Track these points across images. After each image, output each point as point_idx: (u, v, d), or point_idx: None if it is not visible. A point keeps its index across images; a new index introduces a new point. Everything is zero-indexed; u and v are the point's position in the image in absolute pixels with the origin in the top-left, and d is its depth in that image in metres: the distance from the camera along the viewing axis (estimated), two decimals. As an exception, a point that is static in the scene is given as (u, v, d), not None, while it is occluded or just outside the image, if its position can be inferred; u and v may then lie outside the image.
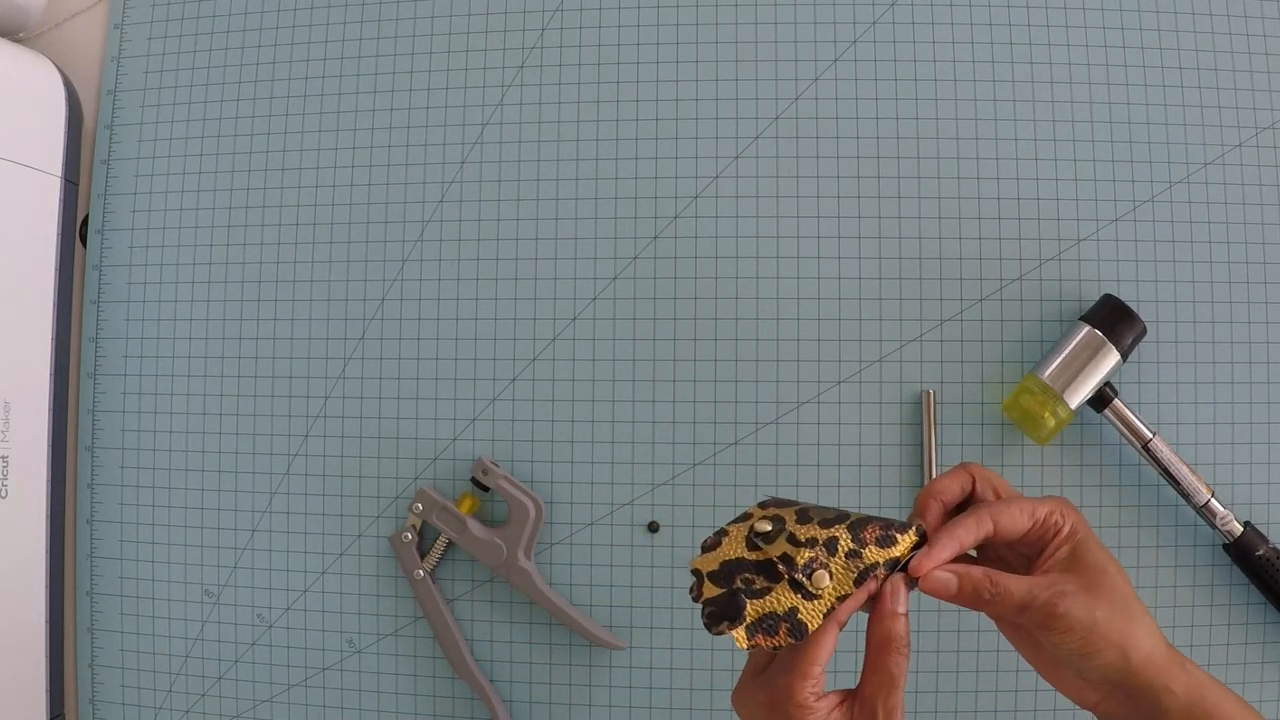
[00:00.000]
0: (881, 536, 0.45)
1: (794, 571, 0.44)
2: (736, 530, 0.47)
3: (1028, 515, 0.47)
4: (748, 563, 0.45)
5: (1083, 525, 0.48)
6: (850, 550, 0.44)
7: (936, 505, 0.48)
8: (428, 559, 0.69)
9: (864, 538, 0.45)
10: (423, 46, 0.73)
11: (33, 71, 0.71)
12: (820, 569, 0.44)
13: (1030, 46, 0.69)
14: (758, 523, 0.46)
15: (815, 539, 0.45)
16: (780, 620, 0.43)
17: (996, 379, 0.67)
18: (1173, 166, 0.68)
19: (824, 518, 0.46)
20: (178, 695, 0.71)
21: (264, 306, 0.72)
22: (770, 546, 0.45)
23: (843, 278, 0.69)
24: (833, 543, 0.45)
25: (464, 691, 0.69)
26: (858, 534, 0.45)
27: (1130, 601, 0.46)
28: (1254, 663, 0.65)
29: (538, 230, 0.71)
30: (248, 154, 0.74)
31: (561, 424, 0.69)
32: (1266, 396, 0.66)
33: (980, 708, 0.66)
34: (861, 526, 0.45)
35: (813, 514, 0.46)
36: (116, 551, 0.73)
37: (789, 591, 0.44)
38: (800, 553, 0.44)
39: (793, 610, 0.43)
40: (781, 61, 0.70)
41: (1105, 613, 0.45)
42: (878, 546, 0.45)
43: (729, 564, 0.45)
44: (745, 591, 0.44)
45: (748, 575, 0.45)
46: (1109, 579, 0.46)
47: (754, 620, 0.43)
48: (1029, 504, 0.47)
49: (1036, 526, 0.47)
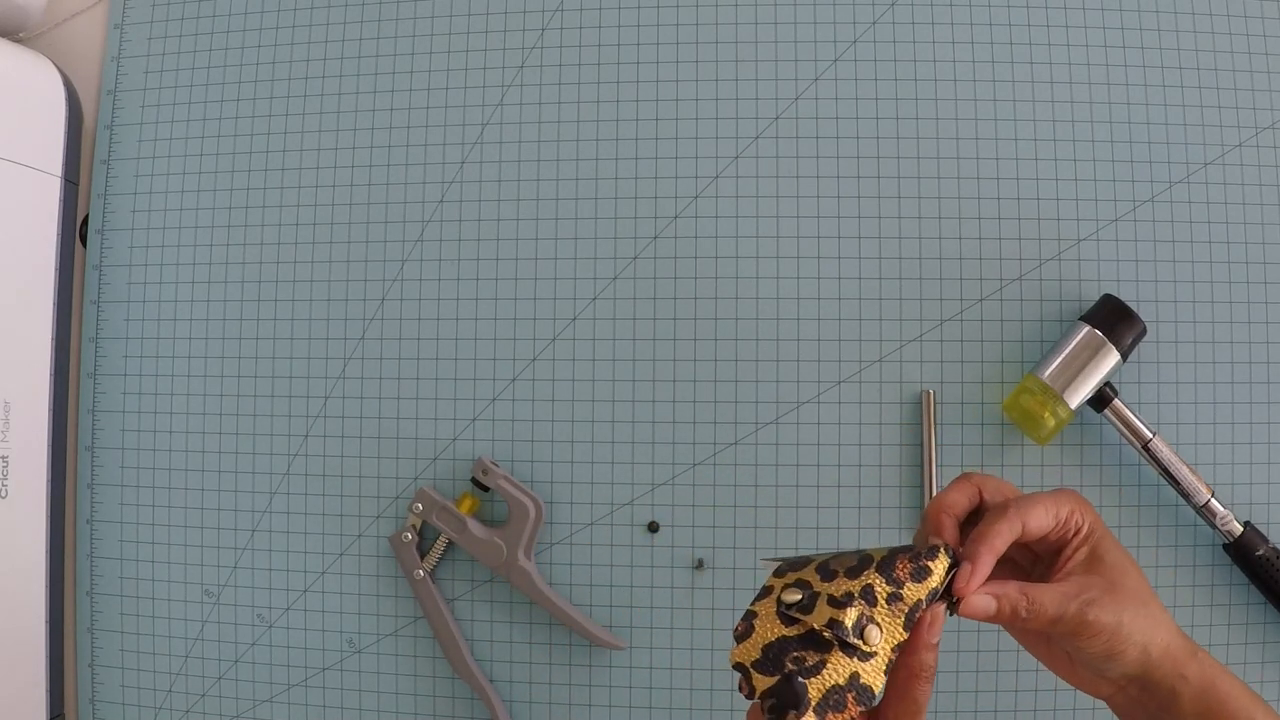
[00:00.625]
0: (915, 569, 0.43)
1: (845, 635, 0.41)
2: (764, 608, 0.43)
3: (1051, 515, 0.46)
4: (790, 640, 0.42)
5: (1099, 522, 0.47)
6: (890, 594, 0.42)
7: (950, 521, 0.47)
8: (428, 559, 0.69)
9: (898, 576, 0.43)
10: (423, 46, 0.73)
11: (33, 71, 0.71)
12: (869, 624, 0.41)
13: (1030, 46, 0.69)
14: (784, 594, 0.43)
15: (851, 593, 0.42)
16: (845, 690, 0.41)
17: (996, 379, 0.67)
18: (1173, 166, 0.68)
19: (848, 566, 0.43)
20: (178, 695, 0.71)
21: (264, 306, 0.72)
22: (809, 616, 0.42)
23: (843, 278, 0.69)
24: (869, 592, 0.42)
25: (464, 691, 0.69)
26: (890, 574, 0.43)
27: (1149, 598, 0.46)
28: (1254, 663, 0.65)
29: (538, 230, 0.71)
30: (248, 154, 0.74)
31: (561, 424, 0.69)
32: (1266, 396, 0.66)
33: (980, 707, 0.66)
34: (891, 565, 0.43)
35: (834, 566, 0.44)
36: (116, 551, 0.73)
37: (844, 658, 0.41)
38: (844, 613, 0.41)
39: (854, 676, 0.41)
40: (781, 61, 0.70)
41: (1130, 614, 0.45)
42: (914, 581, 0.43)
43: (771, 646, 0.42)
44: (800, 672, 0.41)
45: (795, 654, 0.42)
46: (1130, 578, 0.46)
47: (820, 700, 0.40)
48: (1050, 503, 0.46)
49: (1059, 526, 0.46)
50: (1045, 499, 0.46)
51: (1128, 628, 0.45)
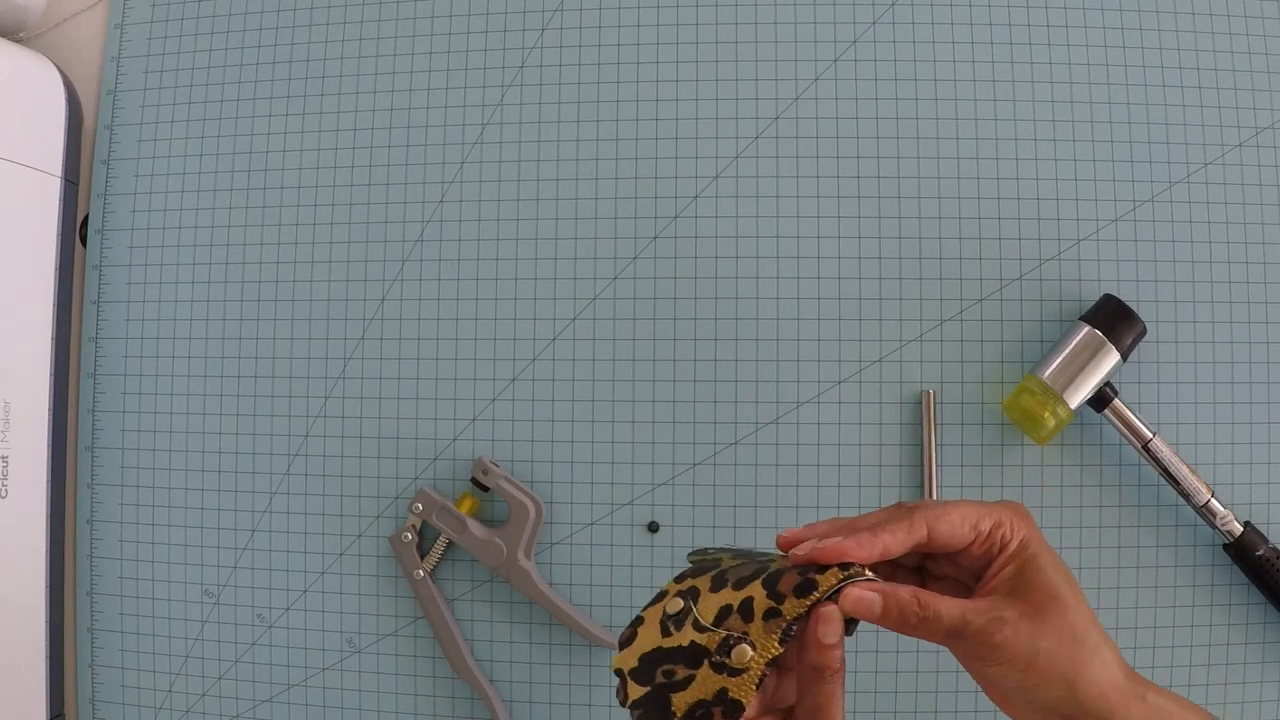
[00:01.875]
0: (800, 584, 0.41)
1: (711, 656, 0.41)
2: (651, 615, 0.43)
3: (969, 525, 0.43)
4: (665, 651, 0.42)
5: (1035, 540, 0.43)
6: (769, 610, 0.41)
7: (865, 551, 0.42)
8: (428, 559, 0.69)
9: (780, 590, 0.41)
10: (423, 46, 0.73)
11: (33, 71, 0.71)
12: (739, 643, 0.41)
13: (1030, 46, 0.69)
14: (669, 603, 0.43)
15: (730, 606, 0.41)
16: (712, 705, 0.40)
17: (996, 379, 0.67)
18: (1173, 166, 0.68)
19: (740, 576, 0.43)
20: (178, 695, 0.72)
21: (264, 306, 0.72)
22: (680, 632, 0.42)
23: (843, 278, 0.69)
24: (748, 606, 0.41)
25: (464, 691, 0.69)
26: (774, 588, 0.41)
27: (1083, 629, 0.41)
28: (1254, 663, 0.65)
29: (538, 230, 0.71)
30: (248, 154, 0.74)
31: (561, 424, 0.69)
32: (1266, 396, 0.66)
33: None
34: (777, 578, 0.41)
35: (730, 575, 0.43)
36: (116, 551, 0.73)
37: (713, 673, 0.41)
38: (711, 637, 0.41)
39: (723, 692, 0.40)
40: (781, 61, 0.70)
41: (1050, 643, 0.41)
42: (796, 597, 0.41)
43: (647, 657, 0.42)
44: (669, 685, 0.41)
45: (668, 666, 0.41)
46: (1058, 604, 0.41)
47: (685, 713, 0.41)
48: (973, 512, 0.43)
49: (980, 539, 0.43)
50: (968, 508, 0.43)
51: (1046, 658, 0.40)
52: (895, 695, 0.66)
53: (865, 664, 0.66)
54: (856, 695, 0.66)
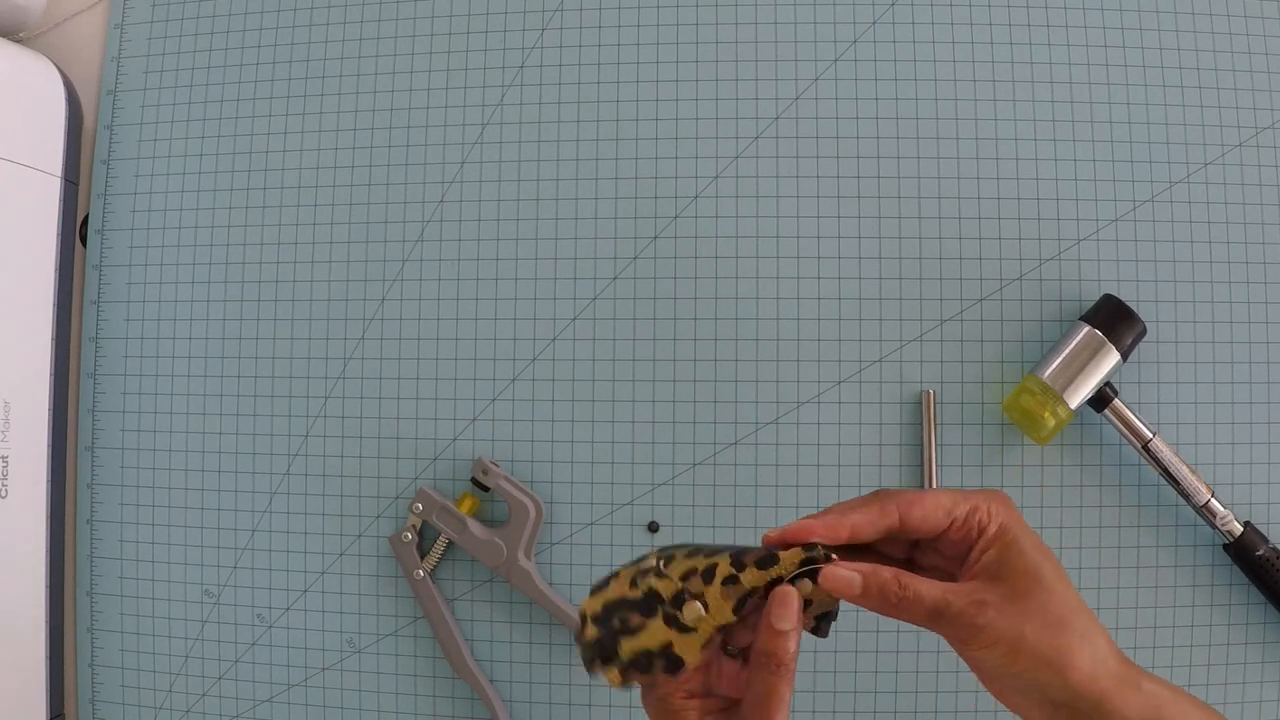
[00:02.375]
0: (762, 557, 0.42)
1: (664, 605, 0.43)
2: (626, 572, 0.45)
3: (944, 512, 0.43)
4: (628, 601, 0.44)
5: (1016, 524, 0.43)
6: (728, 576, 0.42)
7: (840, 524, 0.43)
8: (428, 559, 0.69)
9: (744, 561, 0.43)
10: (423, 46, 0.73)
11: (33, 71, 0.71)
12: (692, 600, 0.42)
13: (1030, 46, 0.69)
14: (645, 562, 0.45)
15: (693, 569, 0.43)
16: (655, 657, 0.43)
17: (996, 379, 0.67)
18: (1173, 166, 0.68)
19: (714, 549, 0.44)
20: (178, 695, 0.72)
21: (264, 306, 0.72)
22: (655, 581, 0.44)
23: (843, 278, 0.69)
24: (710, 571, 0.43)
25: (464, 691, 0.69)
26: (739, 559, 0.43)
27: (1070, 613, 0.41)
28: (1254, 663, 0.65)
29: (538, 230, 0.71)
30: (248, 154, 0.74)
31: (561, 424, 0.69)
32: (1266, 396, 0.66)
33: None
34: (746, 551, 0.43)
35: (705, 549, 0.45)
36: (116, 551, 0.73)
37: (663, 627, 0.43)
38: (668, 585, 0.43)
39: (668, 645, 0.43)
40: (781, 61, 0.70)
41: (1035, 627, 0.40)
42: (757, 568, 0.42)
43: (611, 604, 0.44)
44: (621, 631, 0.43)
45: (625, 614, 0.44)
46: (1042, 588, 0.41)
47: (629, 659, 0.43)
48: (948, 499, 0.43)
49: (957, 525, 0.43)
50: (944, 494, 0.43)
51: (1032, 642, 0.40)
52: (895, 695, 0.66)
53: (865, 664, 0.66)
54: (857, 695, 0.66)
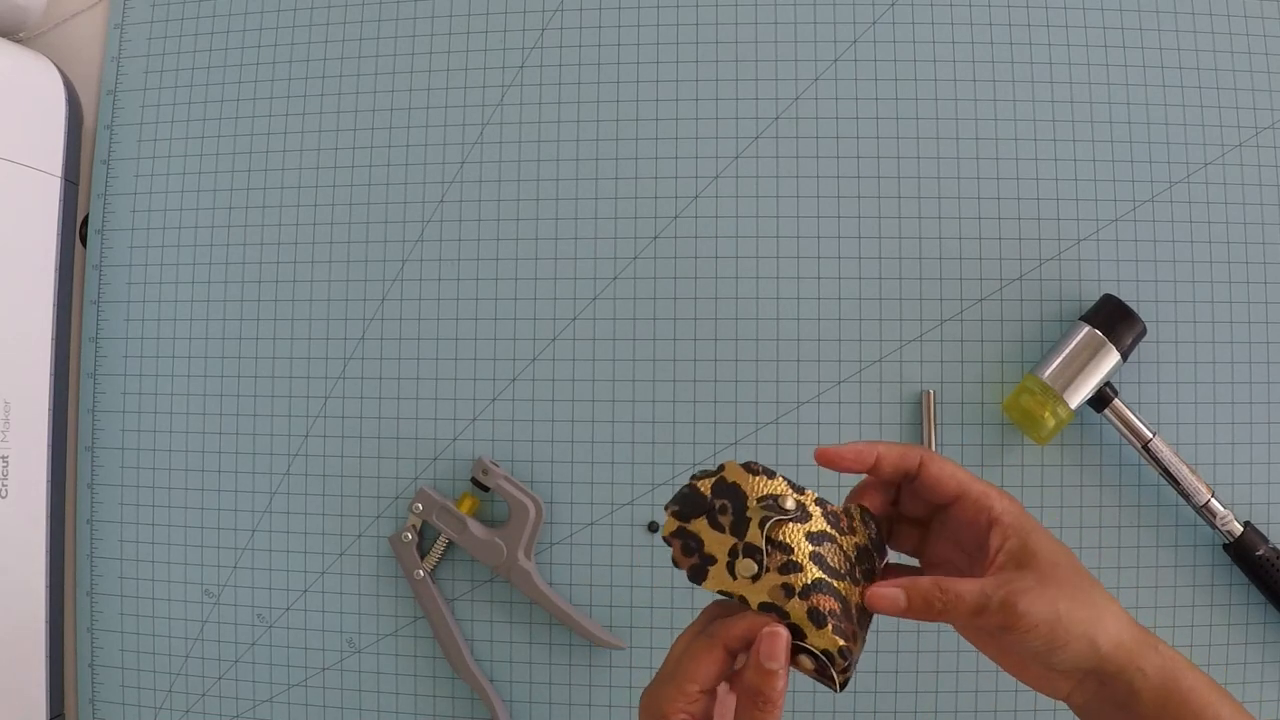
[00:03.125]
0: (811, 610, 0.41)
1: (741, 540, 0.43)
2: (780, 488, 0.45)
3: (957, 482, 0.45)
4: (741, 504, 0.44)
5: (1023, 514, 0.45)
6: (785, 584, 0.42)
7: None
8: (428, 559, 0.69)
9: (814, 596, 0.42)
10: (423, 46, 0.73)
11: (33, 71, 0.71)
12: (755, 561, 0.42)
13: (1030, 46, 0.69)
14: (784, 501, 0.44)
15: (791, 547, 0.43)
16: (697, 553, 0.43)
17: (996, 379, 0.67)
18: (1173, 166, 0.68)
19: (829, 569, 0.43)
20: (178, 695, 0.72)
21: (264, 306, 0.72)
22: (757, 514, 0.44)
23: (843, 277, 0.69)
24: (790, 567, 0.42)
25: (464, 691, 0.69)
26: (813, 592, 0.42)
27: (1090, 588, 0.44)
28: (1254, 663, 0.65)
29: (538, 230, 0.71)
30: (248, 154, 0.74)
31: (561, 424, 0.69)
32: (1266, 396, 0.66)
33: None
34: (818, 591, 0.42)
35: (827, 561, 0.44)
36: (116, 551, 0.73)
37: (724, 546, 0.43)
38: (757, 536, 0.43)
39: (710, 559, 0.43)
40: (781, 61, 0.70)
41: (1067, 605, 0.43)
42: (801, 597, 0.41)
43: (730, 488, 0.44)
44: (710, 510, 0.44)
45: (724, 511, 0.44)
46: (1063, 569, 0.44)
47: (690, 531, 0.44)
48: (965, 475, 0.46)
49: (967, 503, 0.45)
50: (963, 472, 0.46)
51: (1066, 618, 0.42)
52: (895, 695, 0.66)
53: (866, 664, 0.66)
54: (856, 695, 0.66)
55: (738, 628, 0.42)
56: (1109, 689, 0.45)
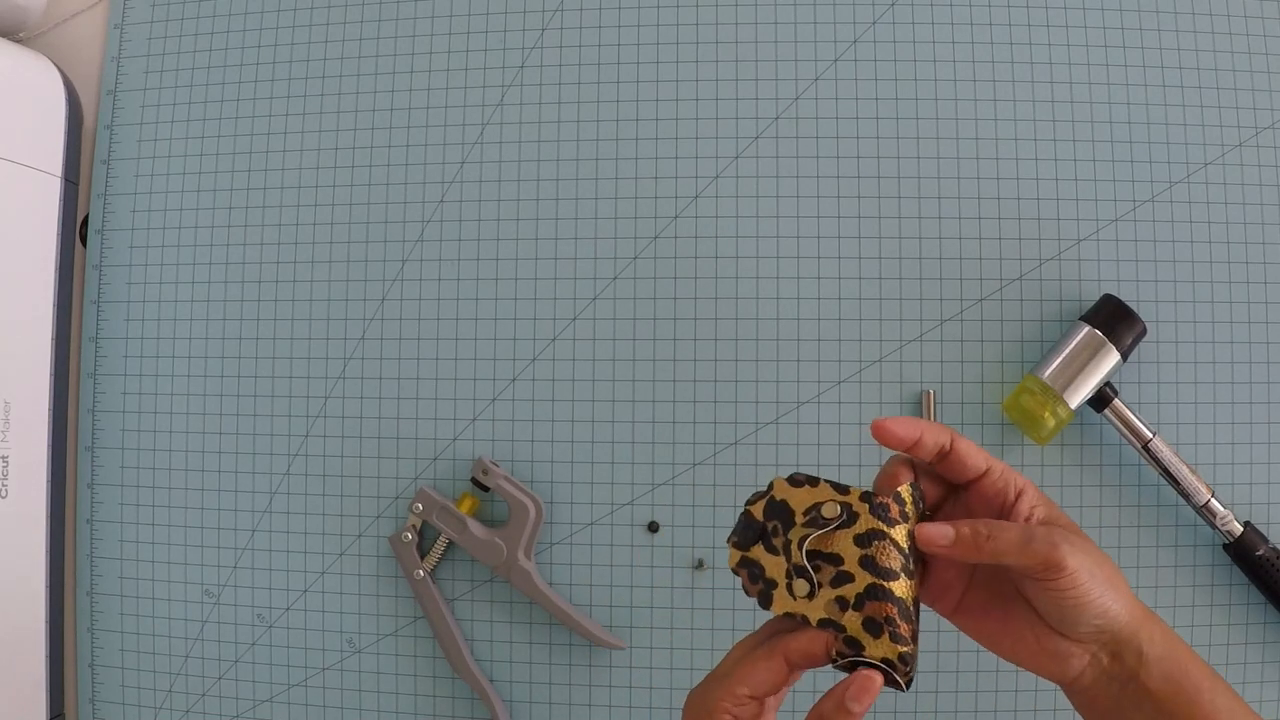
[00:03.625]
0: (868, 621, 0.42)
1: (790, 561, 0.44)
2: (833, 496, 0.45)
3: (984, 458, 0.47)
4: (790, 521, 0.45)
5: (1041, 495, 0.47)
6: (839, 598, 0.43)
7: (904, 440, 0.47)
8: (428, 559, 0.69)
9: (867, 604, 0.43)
10: (423, 46, 0.73)
11: (33, 71, 0.71)
12: (804, 579, 0.44)
13: (1030, 46, 0.69)
14: (854, 499, 0.44)
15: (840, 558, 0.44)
16: (759, 578, 0.44)
17: (996, 379, 0.67)
18: (1173, 166, 0.68)
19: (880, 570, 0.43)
20: (178, 695, 0.72)
21: (264, 306, 0.72)
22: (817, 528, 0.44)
23: (843, 277, 0.69)
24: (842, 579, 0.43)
25: (464, 691, 0.69)
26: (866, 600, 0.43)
27: (1105, 557, 0.46)
28: (1254, 663, 0.65)
29: (538, 230, 0.71)
30: (248, 154, 0.74)
31: (561, 424, 0.69)
32: (1266, 396, 0.66)
33: (981, 708, 0.66)
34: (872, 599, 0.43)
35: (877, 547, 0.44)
36: (116, 551, 0.73)
37: (780, 569, 0.44)
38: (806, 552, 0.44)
39: (771, 582, 0.44)
40: (781, 61, 0.70)
41: (1094, 560, 0.44)
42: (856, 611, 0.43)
43: (777, 506, 0.45)
44: (765, 534, 0.45)
45: (780, 533, 0.45)
46: (1082, 537, 0.46)
47: (752, 560, 0.45)
48: (988, 455, 0.47)
49: (992, 479, 0.46)
50: (986, 452, 0.47)
51: (1098, 573, 0.44)
52: (895, 695, 0.66)
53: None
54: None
55: (797, 642, 0.43)
56: (1120, 659, 0.45)
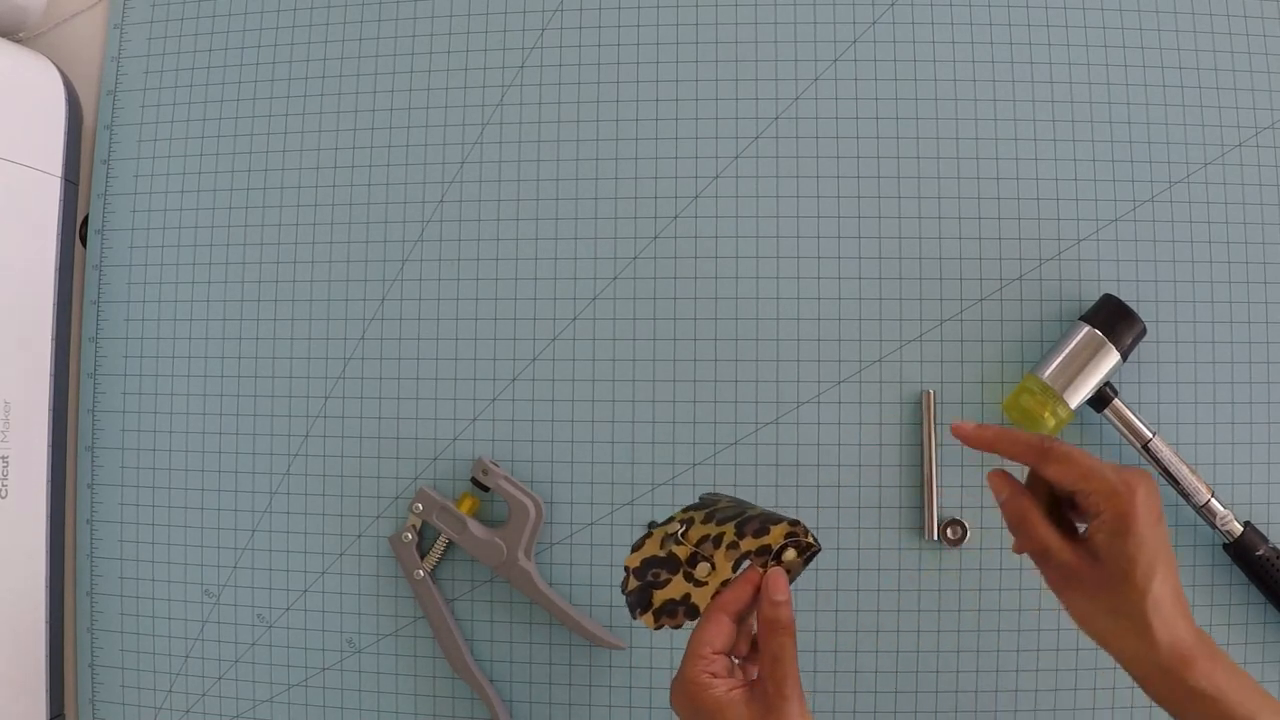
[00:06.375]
0: (758, 529, 0.52)
1: (682, 565, 0.53)
2: (657, 533, 0.55)
3: (1079, 473, 0.49)
4: (658, 559, 0.54)
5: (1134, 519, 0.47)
6: (730, 543, 0.53)
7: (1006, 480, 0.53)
8: (428, 559, 0.69)
9: (744, 530, 0.53)
10: (423, 46, 0.73)
11: (33, 71, 0.71)
12: (702, 561, 0.53)
13: (1030, 46, 0.69)
14: (670, 526, 0.55)
15: (706, 536, 0.54)
16: (678, 605, 0.53)
17: (996, 379, 0.67)
18: (1173, 166, 0.68)
19: (724, 516, 0.54)
20: (178, 695, 0.72)
21: (264, 306, 0.72)
22: (675, 546, 0.54)
23: (843, 278, 0.69)
24: (719, 538, 0.53)
25: (464, 691, 0.69)
26: (741, 529, 0.53)
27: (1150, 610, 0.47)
28: (1254, 663, 0.65)
29: (538, 230, 0.71)
30: (248, 154, 0.74)
31: (561, 424, 0.69)
32: (1266, 396, 0.66)
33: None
34: (747, 522, 0.53)
35: (718, 513, 0.55)
36: (116, 551, 0.73)
37: (683, 582, 0.53)
38: (683, 550, 0.54)
39: (686, 596, 0.53)
40: (781, 61, 0.70)
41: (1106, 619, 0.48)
42: (753, 537, 0.52)
43: (647, 561, 0.55)
44: (654, 584, 0.54)
45: (656, 570, 0.54)
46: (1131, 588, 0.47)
47: (659, 606, 0.53)
48: (1091, 467, 0.49)
49: (1083, 495, 0.49)
50: (1092, 464, 0.49)
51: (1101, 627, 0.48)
52: (895, 695, 0.66)
53: (867, 664, 0.66)
54: (858, 695, 0.66)
55: (723, 595, 0.50)
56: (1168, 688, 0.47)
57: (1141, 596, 0.46)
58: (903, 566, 0.67)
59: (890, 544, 0.67)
